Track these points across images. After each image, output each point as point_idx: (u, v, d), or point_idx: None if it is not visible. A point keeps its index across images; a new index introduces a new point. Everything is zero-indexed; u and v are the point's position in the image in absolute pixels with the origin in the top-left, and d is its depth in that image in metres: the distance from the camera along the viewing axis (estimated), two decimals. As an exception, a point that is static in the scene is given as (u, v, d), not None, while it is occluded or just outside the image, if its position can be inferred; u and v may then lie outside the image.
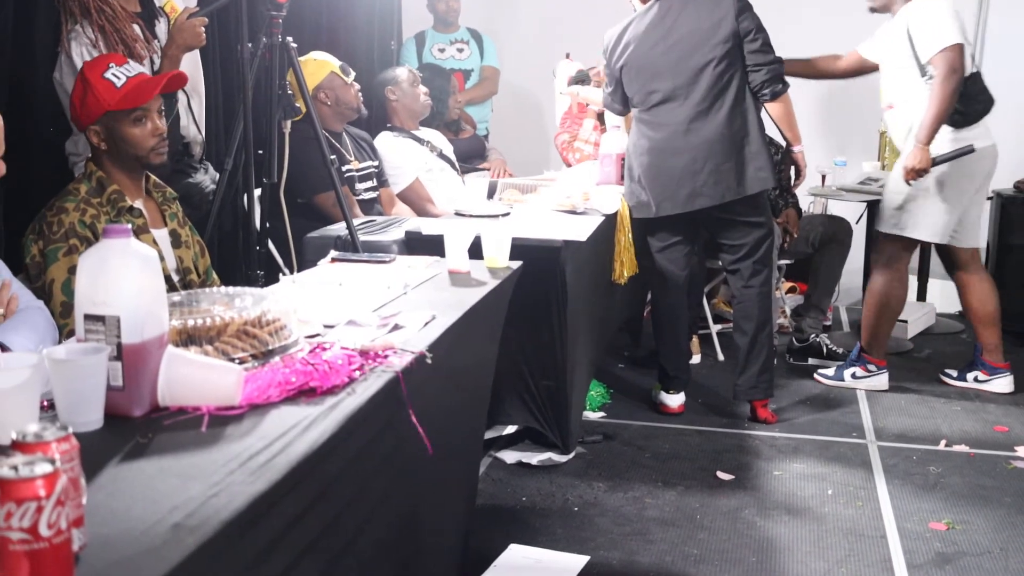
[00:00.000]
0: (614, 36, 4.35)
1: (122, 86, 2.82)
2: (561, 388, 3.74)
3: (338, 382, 1.89)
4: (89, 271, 1.69)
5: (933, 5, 4.55)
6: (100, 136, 2.82)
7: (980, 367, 4.94)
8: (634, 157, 4.34)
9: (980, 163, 4.65)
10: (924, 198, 4.64)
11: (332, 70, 4.46)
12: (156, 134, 2.88)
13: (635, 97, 4.32)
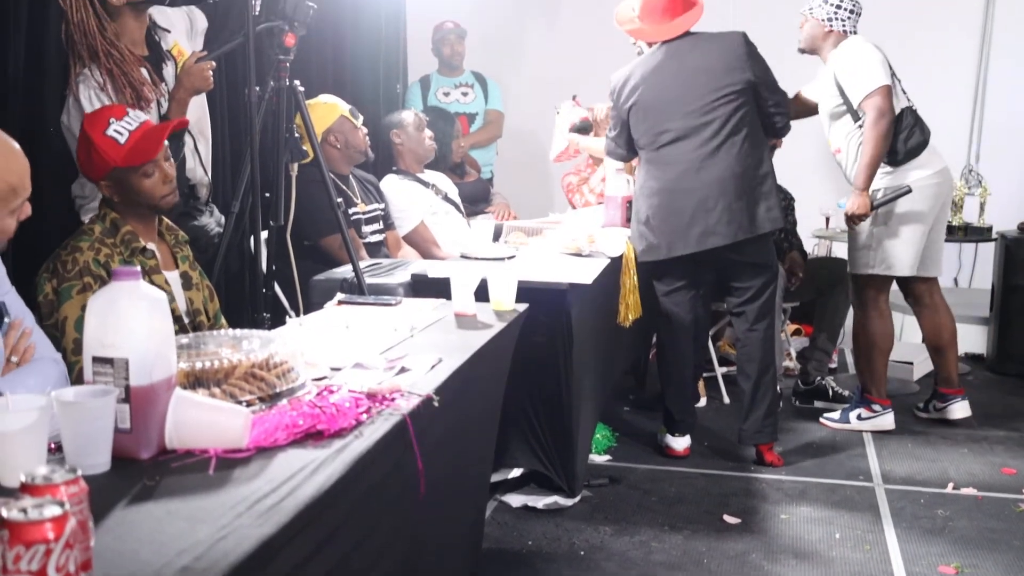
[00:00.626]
0: (621, 78, 4.35)
1: (126, 141, 2.85)
2: (567, 431, 3.73)
3: (345, 425, 1.89)
4: (98, 313, 1.70)
5: (856, 49, 4.64)
6: (111, 189, 2.86)
7: (936, 398, 5.05)
8: (642, 199, 4.33)
9: (929, 192, 4.68)
10: (887, 234, 4.70)
11: (342, 113, 4.49)
12: (166, 181, 2.92)
13: (644, 138, 4.31)
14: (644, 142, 4.32)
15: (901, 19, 6.53)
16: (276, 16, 3.46)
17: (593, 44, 6.66)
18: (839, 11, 4.71)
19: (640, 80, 4.29)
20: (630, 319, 4.37)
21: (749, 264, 4.31)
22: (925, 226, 4.72)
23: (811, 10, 4.77)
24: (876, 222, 4.67)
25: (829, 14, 4.72)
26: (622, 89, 4.34)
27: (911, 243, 4.71)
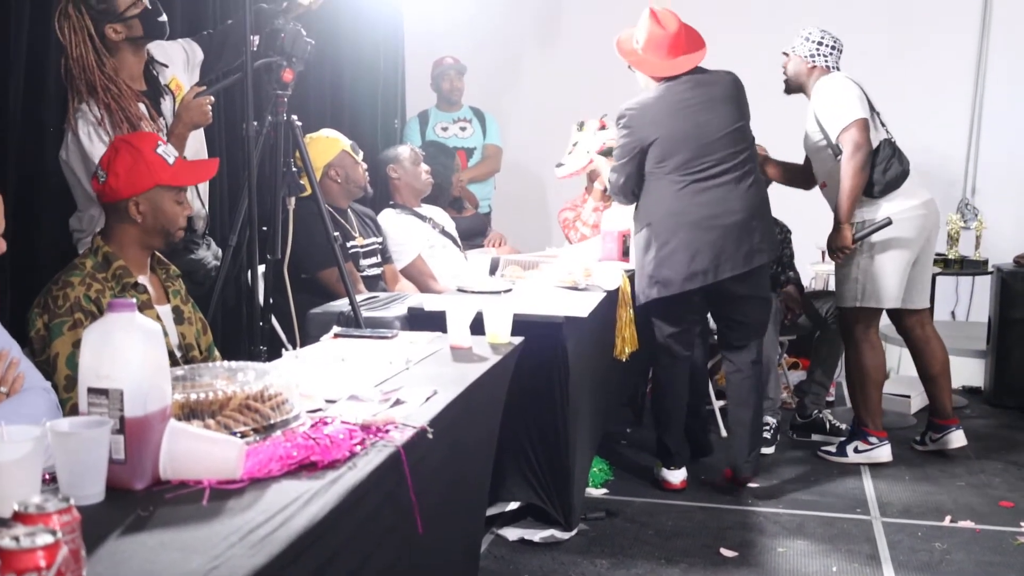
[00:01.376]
0: (637, 111, 4.25)
1: (173, 163, 2.90)
2: (563, 464, 3.73)
3: (339, 456, 1.89)
4: (93, 345, 1.71)
5: (833, 84, 4.72)
6: (139, 208, 2.86)
7: (932, 429, 5.06)
8: (667, 234, 4.19)
9: (913, 223, 4.72)
10: (872, 266, 4.73)
11: (343, 148, 4.52)
12: (186, 212, 2.97)
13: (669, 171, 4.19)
14: (669, 175, 4.20)
15: (897, 54, 6.59)
16: (274, 52, 3.49)
17: (590, 80, 6.70)
18: (820, 47, 4.82)
19: (663, 113, 4.23)
20: (627, 353, 4.38)
21: (753, 298, 4.35)
22: (910, 257, 4.76)
23: (793, 48, 4.88)
24: (861, 255, 4.72)
25: (811, 51, 4.83)
26: (640, 121, 4.24)
27: (896, 275, 4.74)
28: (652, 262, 4.22)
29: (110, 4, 3.37)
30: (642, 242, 4.28)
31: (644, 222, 4.28)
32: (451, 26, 6.94)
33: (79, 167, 3.30)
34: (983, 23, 6.86)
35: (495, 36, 7.21)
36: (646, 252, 4.25)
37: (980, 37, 6.86)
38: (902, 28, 6.84)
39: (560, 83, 7.10)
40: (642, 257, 4.28)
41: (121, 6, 3.39)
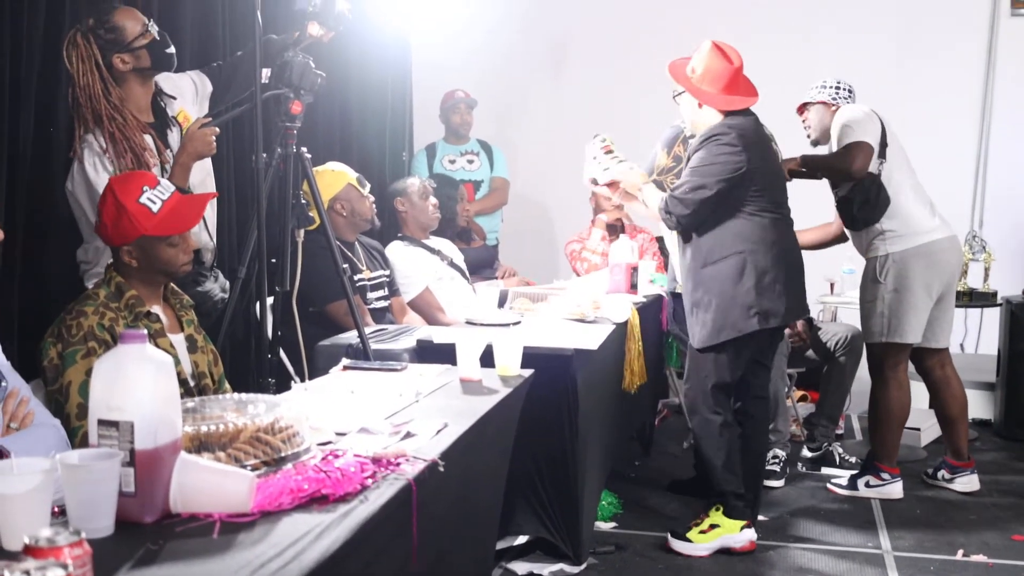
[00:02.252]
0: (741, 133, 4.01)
1: (159, 211, 2.88)
2: (572, 498, 3.71)
3: (350, 489, 1.88)
4: (104, 376, 1.70)
5: (854, 108, 4.77)
6: (132, 255, 2.87)
7: (945, 468, 5.03)
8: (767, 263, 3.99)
9: (938, 258, 4.73)
10: (897, 302, 4.71)
11: (349, 181, 4.52)
12: (188, 251, 2.96)
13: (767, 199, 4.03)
14: (766, 205, 4.03)
15: (902, 88, 6.60)
16: (282, 84, 3.51)
17: (598, 113, 6.74)
18: (839, 91, 4.89)
19: (761, 140, 4.13)
20: (635, 385, 4.36)
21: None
22: (934, 294, 4.75)
23: (812, 98, 4.92)
24: (887, 289, 4.70)
25: (832, 95, 4.89)
26: (746, 141, 4.00)
27: (920, 311, 4.73)
28: (751, 291, 3.95)
29: (118, 34, 3.39)
30: (731, 271, 3.98)
31: (734, 249, 3.98)
32: (458, 59, 6.97)
33: (84, 198, 3.31)
34: (989, 57, 6.88)
35: (502, 69, 7.24)
36: (739, 281, 3.96)
37: (985, 71, 6.88)
38: (907, 62, 6.87)
39: (567, 116, 7.12)
40: (732, 287, 3.97)
41: (129, 36, 3.40)
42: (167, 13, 4.09)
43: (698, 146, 4.03)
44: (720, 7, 6.96)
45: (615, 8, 7.27)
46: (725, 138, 3.97)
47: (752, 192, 3.99)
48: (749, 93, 4.11)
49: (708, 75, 4.05)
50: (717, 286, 3.99)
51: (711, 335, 4.01)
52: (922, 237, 4.68)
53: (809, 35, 6.87)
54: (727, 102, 4.04)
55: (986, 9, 6.90)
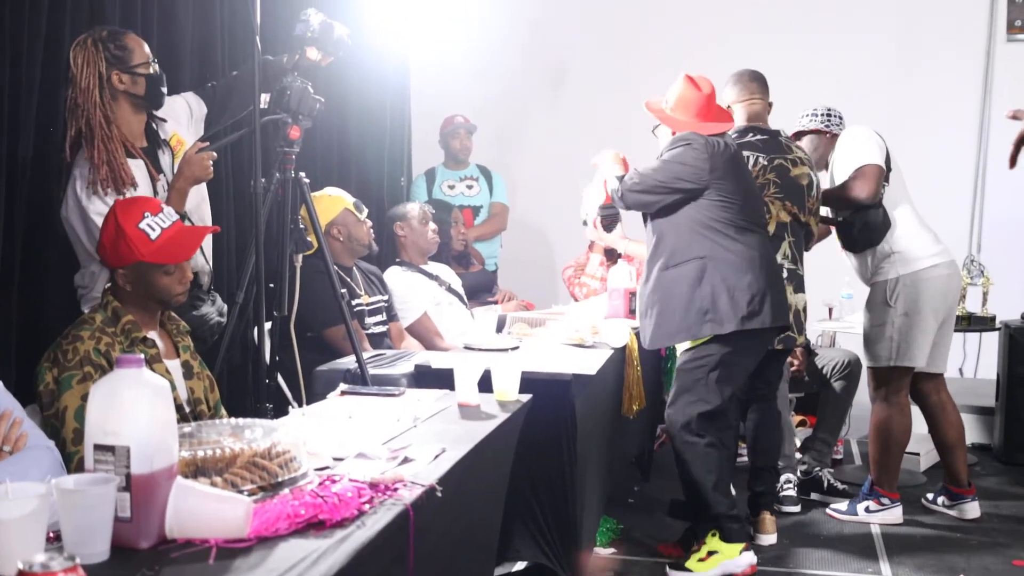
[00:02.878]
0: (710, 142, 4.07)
1: (157, 238, 2.88)
2: (571, 523, 3.69)
3: (348, 515, 1.87)
4: (100, 400, 1.70)
5: (856, 131, 4.78)
6: (127, 279, 2.87)
7: (945, 494, 5.00)
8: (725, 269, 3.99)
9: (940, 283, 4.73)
10: (908, 326, 4.70)
11: (346, 206, 4.52)
12: (183, 282, 2.96)
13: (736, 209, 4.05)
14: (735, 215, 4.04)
15: (899, 114, 6.62)
16: (281, 109, 3.51)
17: (597, 138, 6.74)
18: (831, 117, 4.92)
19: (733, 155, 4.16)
20: (634, 410, 4.35)
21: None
22: (940, 319, 4.75)
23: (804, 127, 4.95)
24: (896, 313, 4.68)
25: (824, 122, 4.92)
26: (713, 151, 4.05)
27: (929, 335, 4.73)
28: (707, 297, 3.96)
29: (124, 54, 3.39)
30: (691, 275, 3.99)
31: (695, 254, 3.99)
32: (457, 85, 6.99)
33: (78, 225, 3.30)
34: (985, 82, 6.91)
35: (501, 95, 7.25)
36: (697, 286, 3.97)
37: (982, 96, 6.91)
38: (903, 86, 6.89)
39: (565, 142, 7.12)
40: (690, 291, 3.98)
41: (134, 60, 3.41)
42: (166, 35, 4.11)
43: (670, 145, 4.11)
44: (717, 34, 7.00)
45: (614, 35, 7.30)
46: (696, 144, 4.05)
47: (720, 204, 4.03)
48: (722, 119, 4.18)
49: (680, 104, 4.15)
50: (676, 288, 4.02)
51: (665, 336, 4.10)
52: (929, 260, 4.69)
53: (808, 59, 6.89)
54: (701, 128, 4.11)
55: (982, 35, 6.94)
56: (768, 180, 4.48)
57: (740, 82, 4.68)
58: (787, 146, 4.60)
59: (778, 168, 4.49)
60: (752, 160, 4.46)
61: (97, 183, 3.26)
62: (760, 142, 4.53)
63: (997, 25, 6.93)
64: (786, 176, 4.50)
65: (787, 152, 4.56)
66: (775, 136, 4.59)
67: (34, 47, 3.44)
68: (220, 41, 4.52)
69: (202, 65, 4.38)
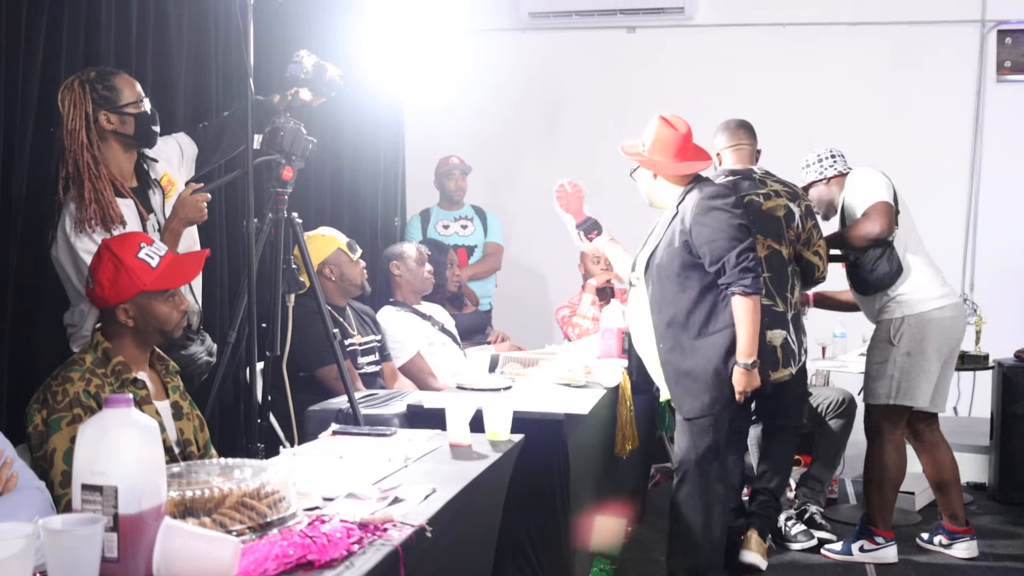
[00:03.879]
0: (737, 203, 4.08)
1: (157, 266, 2.89)
2: (564, 563, 3.67)
3: (336, 555, 1.87)
4: (88, 441, 1.70)
5: (862, 174, 4.82)
6: (129, 314, 2.86)
7: (942, 533, 4.96)
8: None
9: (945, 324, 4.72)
10: (913, 365, 4.69)
11: (339, 246, 4.53)
12: (181, 309, 2.96)
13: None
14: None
15: (891, 152, 6.65)
16: (274, 149, 3.53)
17: (590, 178, 6.76)
18: (823, 161, 4.96)
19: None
20: (627, 449, 4.34)
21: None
22: (943, 358, 4.74)
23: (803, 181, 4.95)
24: (899, 352, 4.68)
25: (821, 170, 4.95)
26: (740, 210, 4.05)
27: (931, 375, 4.71)
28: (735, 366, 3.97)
29: (112, 94, 3.40)
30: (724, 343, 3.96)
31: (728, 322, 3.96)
32: (451, 126, 7.03)
33: (68, 264, 3.30)
34: (976, 122, 6.96)
35: (496, 137, 7.29)
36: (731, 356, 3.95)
37: (973, 136, 6.95)
38: (894, 126, 6.93)
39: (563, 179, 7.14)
40: (723, 362, 3.96)
41: (122, 100, 3.41)
42: (161, 73, 4.13)
43: (708, 207, 3.96)
44: (713, 80, 7.05)
45: (608, 77, 7.36)
46: (729, 200, 4.01)
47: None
48: (700, 157, 4.16)
49: (657, 145, 4.12)
50: (713, 358, 3.96)
51: (707, 405, 3.99)
52: (935, 302, 4.69)
53: (798, 102, 6.94)
54: (678, 168, 4.11)
55: (972, 75, 6.99)
56: None
57: (727, 129, 4.76)
58: (760, 181, 4.61)
59: (747, 204, 4.45)
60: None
61: (85, 221, 3.27)
62: (730, 183, 4.52)
63: (987, 66, 6.98)
64: (757, 211, 4.49)
65: (759, 187, 4.58)
66: (748, 174, 4.62)
67: (29, 86, 3.46)
68: (214, 81, 4.54)
69: (196, 105, 4.40)
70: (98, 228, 3.26)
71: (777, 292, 4.51)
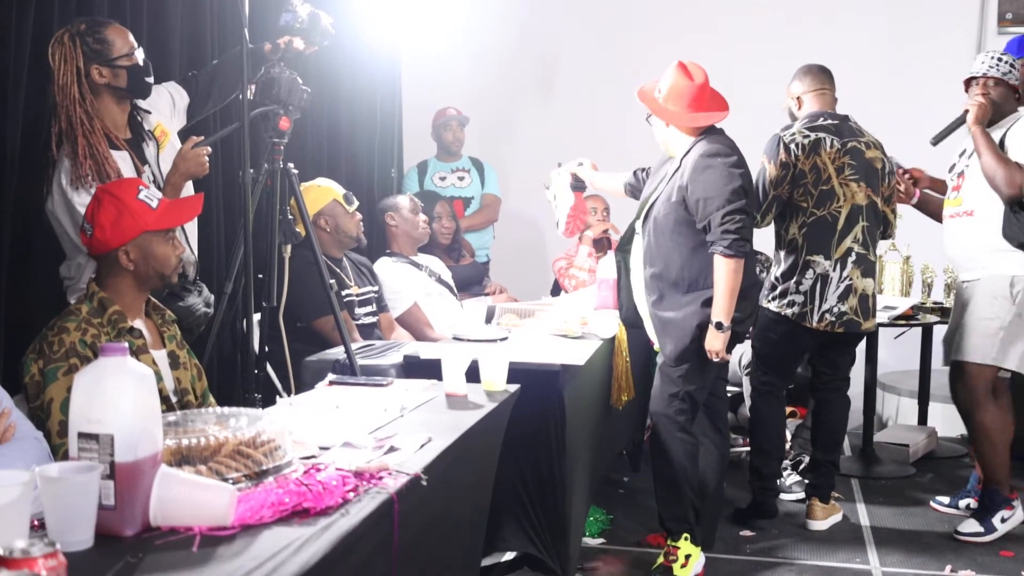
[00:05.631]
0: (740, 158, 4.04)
1: (157, 207, 2.89)
2: (560, 513, 3.70)
3: (332, 503, 1.88)
4: (84, 389, 1.70)
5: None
6: (130, 256, 2.86)
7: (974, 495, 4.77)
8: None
9: None
10: (1018, 325, 4.41)
11: (335, 197, 4.52)
12: (178, 253, 2.97)
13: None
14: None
15: (892, 104, 6.62)
16: (270, 100, 3.51)
17: (589, 129, 6.76)
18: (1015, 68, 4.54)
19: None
20: (623, 400, 4.36)
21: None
22: None
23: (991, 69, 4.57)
24: (1014, 314, 4.39)
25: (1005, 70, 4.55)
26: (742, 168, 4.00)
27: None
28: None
29: (104, 47, 3.37)
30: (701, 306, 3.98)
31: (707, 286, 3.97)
32: (449, 77, 6.99)
33: (64, 216, 3.30)
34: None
35: (494, 88, 7.25)
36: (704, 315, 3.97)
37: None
38: (894, 81, 6.89)
39: (558, 134, 7.11)
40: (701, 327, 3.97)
41: (114, 52, 3.39)
42: (156, 24, 4.10)
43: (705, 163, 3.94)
44: (709, 21, 6.99)
45: (606, 27, 7.29)
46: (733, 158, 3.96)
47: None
48: (717, 107, 4.10)
49: (672, 94, 4.06)
50: (698, 312, 3.96)
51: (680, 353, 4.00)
52: None
53: (798, 46, 6.88)
54: (692, 119, 4.05)
55: (973, 27, 6.94)
56: (843, 163, 4.50)
57: (810, 74, 4.72)
58: (858, 129, 4.63)
59: (852, 150, 4.51)
60: (828, 142, 4.49)
61: (81, 177, 3.26)
62: (832, 125, 4.55)
63: (988, 18, 6.93)
64: (861, 158, 4.53)
65: (859, 135, 4.59)
66: (845, 120, 4.62)
67: (22, 40, 3.43)
68: (210, 31, 4.51)
69: (192, 56, 4.37)
70: (94, 184, 3.25)
71: (872, 243, 4.58)
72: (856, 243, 4.49)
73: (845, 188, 4.48)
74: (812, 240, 4.50)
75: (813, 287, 4.49)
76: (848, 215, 4.48)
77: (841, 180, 4.48)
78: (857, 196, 4.50)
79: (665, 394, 4.05)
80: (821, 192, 4.47)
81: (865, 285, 4.51)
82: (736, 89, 4.71)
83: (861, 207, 4.51)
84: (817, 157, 4.48)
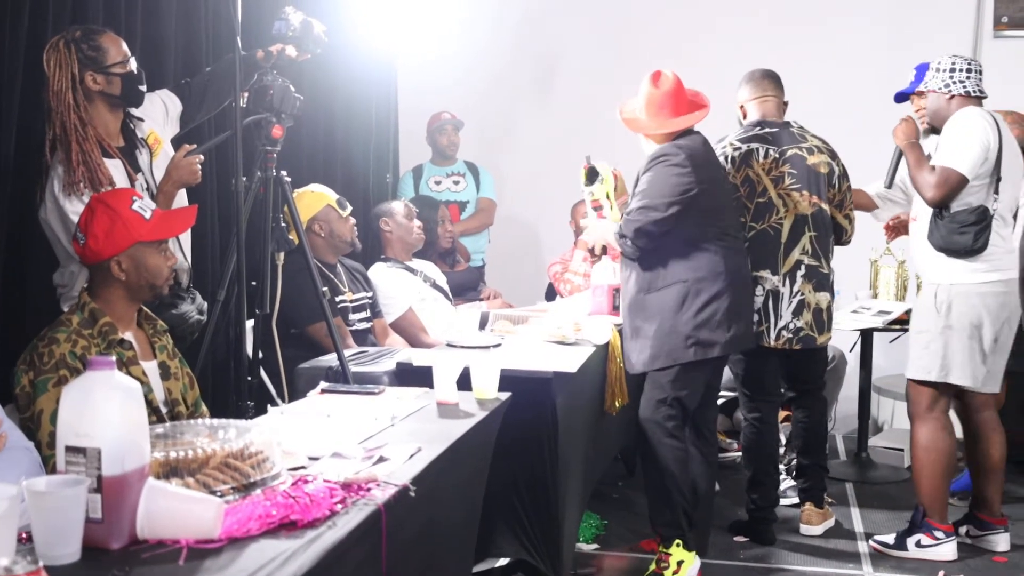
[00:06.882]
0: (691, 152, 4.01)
1: (150, 218, 2.89)
2: (553, 519, 3.71)
3: (319, 515, 1.89)
4: (72, 403, 1.71)
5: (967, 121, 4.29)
6: (122, 266, 2.86)
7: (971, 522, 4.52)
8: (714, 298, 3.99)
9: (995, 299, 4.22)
10: (956, 339, 4.24)
11: (328, 203, 4.53)
12: (170, 264, 2.97)
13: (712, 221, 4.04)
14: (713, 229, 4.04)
15: (888, 107, 6.63)
16: (263, 108, 3.53)
17: (585, 134, 6.74)
18: (954, 74, 4.41)
19: (709, 160, 4.14)
20: (617, 406, 4.37)
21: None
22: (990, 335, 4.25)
23: (926, 84, 4.50)
24: (940, 326, 4.25)
25: (945, 80, 4.40)
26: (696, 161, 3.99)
27: (974, 352, 4.24)
28: (691, 322, 3.96)
29: (99, 54, 3.39)
30: (673, 299, 3.98)
31: (678, 278, 3.99)
32: (444, 81, 6.99)
33: (57, 224, 3.31)
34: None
35: (489, 92, 7.24)
36: (679, 310, 3.97)
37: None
38: (893, 85, 6.87)
39: (555, 138, 7.11)
40: (673, 316, 3.97)
41: (109, 60, 3.41)
42: (150, 31, 4.11)
43: (646, 167, 4.03)
44: (707, 25, 6.99)
45: (602, 30, 7.29)
46: (674, 159, 3.97)
47: (698, 218, 3.99)
48: (688, 110, 4.07)
49: (645, 103, 4.09)
50: (658, 314, 3.99)
51: (647, 361, 4.03)
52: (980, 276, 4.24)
53: (796, 49, 6.90)
54: (659, 125, 4.07)
55: (969, 31, 6.94)
56: (782, 172, 4.39)
57: (751, 81, 4.63)
58: (800, 135, 4.52)
59: (792, 158, 4.42)
60: (761, 152, 4.42)
61: (74, 184, 3.27)
62: (769, 134, 4.46)
63: (984, 21, 6.93)
64: (802, 165, 4.42)
65: (800, 141, 4.49)
66: (786, 127, 4.53)
67: (16, 47, 3.44)
68: (204, 39, 4.52)
69: (185, 63, 4.38)
70: (86, 191, 3.26)
71: (823, 253, 4.48)
72: (805, 255, 4.41)
73: (786, 198, 4.39)
74: (756, 255, 4.37)
75: (765, 304, 4.42)
76: (792, 226, 4.40)
77: (780, 191, 4.39)
78: (800, 205, 4.40)
79: (653, 400, 4.05)
80: (758, 204, 4.41)
81: (819, 299, 4.44)
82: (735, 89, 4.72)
83: (807, 216, 4.41)
84: (749, 169, 4.41)
